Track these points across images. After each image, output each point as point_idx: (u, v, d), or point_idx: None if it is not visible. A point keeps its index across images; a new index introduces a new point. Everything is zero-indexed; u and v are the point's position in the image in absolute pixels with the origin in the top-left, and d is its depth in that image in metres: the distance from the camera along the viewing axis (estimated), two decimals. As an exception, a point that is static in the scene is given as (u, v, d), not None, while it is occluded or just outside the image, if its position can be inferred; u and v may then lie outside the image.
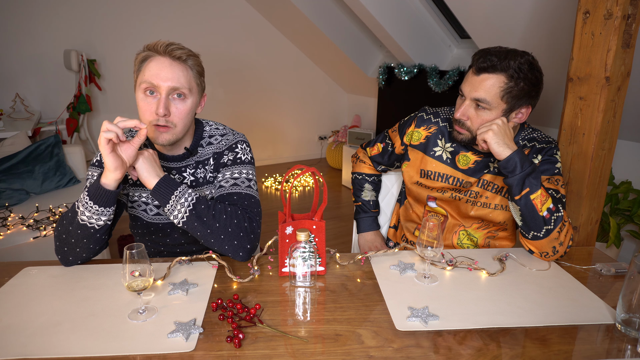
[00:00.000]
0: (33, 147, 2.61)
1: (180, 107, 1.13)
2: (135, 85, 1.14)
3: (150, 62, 1.10)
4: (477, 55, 1.20)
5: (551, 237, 1.17)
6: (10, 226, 2.10)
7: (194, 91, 1.15)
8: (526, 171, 1.14)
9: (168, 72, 1.09)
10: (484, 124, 1.21)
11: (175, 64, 1.10)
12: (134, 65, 1.15)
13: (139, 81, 1.11)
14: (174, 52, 1.09)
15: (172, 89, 1.10)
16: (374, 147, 1.57)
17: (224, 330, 0.89)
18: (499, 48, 1.20)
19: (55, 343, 0.84)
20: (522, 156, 1.15)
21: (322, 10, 4.04)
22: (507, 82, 1.16)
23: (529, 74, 1.16)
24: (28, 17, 3.71)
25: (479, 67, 1.18)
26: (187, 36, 4.24)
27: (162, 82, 1.08)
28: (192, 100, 1.14)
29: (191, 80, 1.13)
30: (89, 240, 1.09)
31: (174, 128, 1.13)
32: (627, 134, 2.55)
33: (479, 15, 2.73)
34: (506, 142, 1.16)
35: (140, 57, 1.12)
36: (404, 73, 3.79)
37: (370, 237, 1.60)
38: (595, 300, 1.03)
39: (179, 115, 1.13)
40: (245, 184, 1.22)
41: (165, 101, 1.09)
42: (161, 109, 1.09)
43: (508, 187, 1.18)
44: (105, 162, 1.02)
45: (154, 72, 1.09)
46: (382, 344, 0.86)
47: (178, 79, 1.10)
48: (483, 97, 1.19)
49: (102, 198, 1.05)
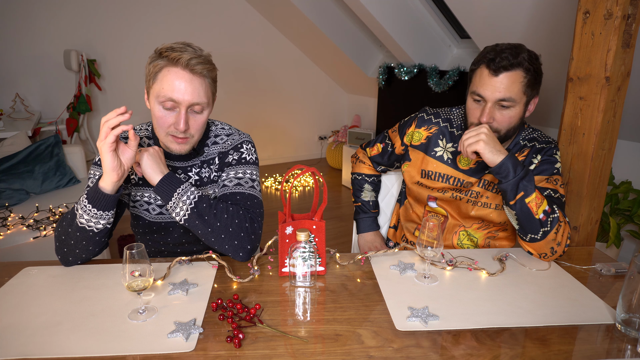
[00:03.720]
0: (33, 147, 2.61)
1: (199, 119, 1.13)
2: (148, 92, 1.12)
3: (169, 73, 1.07)
4: (489, 56, 1.19)
5: (548, 239, 1.17)
6: (10, 226, 2.10)
7: (210, 102, 1.15)
8: (519, 175, 1.14)
9: (188, 86, 1.07)
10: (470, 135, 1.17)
11: (195, 78, 1.08)
12: (147, 69, 1.11)
13: (156, 92, 1.08)
14: (195, 67, 1.07)
15: (192, 104, 1.09)
16: (374, 148, 1.57)
17: (224, 330, 0.89)
18: (502, 45, 1.20)
19: (55, 343, 0.84)
20: (514, 161, 1.15)
21: (322, 10, 4.04)
22: (525, 76, 1.17)
23: (535, 62, 1.19)
24: (28, 17, 3.71)
25: (497, 67, 1.17)
26: (187, 36, 4.24)
27: (182, 97, 1.07)
28: (208, 110, 1.15)
29: (208, 92, 1.13)
30: (88, 242, 1.09)
31: (191, 138, 1.14)
32: (627, 134, 2.55)
33: (479, 15, 2.73)
34: (497, 149, 1.15)
35: (158, 65, 1.08)
36: (404, 73, 3.79)
37: (370, 238, 1.60)
38: (595, 300, 1.03)
39: (197, 127, 1.14)
40: (248, 184, 1.22)
41: (185, 116, 1.09)
42: (182, 125, 1.08)
43: (502, 192, 1.18)
44: (104, 162, 1.01)
45: (174, 87, 1.06)
46: (382, 344, 0.86)
47: (199, 94, 1.09)
48: (508, 96, 1.18)
49: (101, 202, 1.04)
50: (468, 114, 1.28)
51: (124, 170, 1.04)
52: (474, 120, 1.25)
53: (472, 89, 1.24)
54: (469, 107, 1.27)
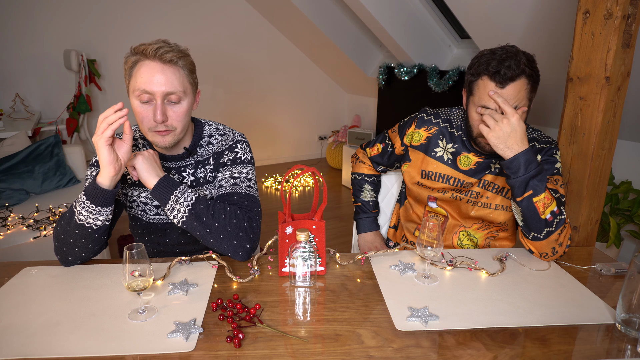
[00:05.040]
0: (33, 147, 2.61)
1: (177, 109, 1.12)
2: (128, 91, 1.13)
3: (141, 67, 1.08)
4: (492, 69, 1.15)
5: (551, 239, 1.17)
6: (10, 226, 2.10)
7: (188, 92, 1.14)
8: (531, 173, 1.13)
9: (160, 77, 1.07)
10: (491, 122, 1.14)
11: (166, 67, 1.08)
12: (123, 69, 1.12)
13: (132, 88, 1.09)
14: (164, 55, 1.07)
15: (166, 94, 1.09)
16: (374, 148, 1.57)
17: (224, 330, 0.89)
18: (499, 52, 1.16)
19: (55, 343, 0.84)
20: (528, 157, 1.13)
21: (322, 11, 4.04)
22: (528, 82, 1.17)
23: (534, 65, 1.18)
24: (28, 17, 3.71)
25: (503, 79, 1.14)
26: (187, 36, 4.24)
27: (155, 88, 1.07)
28: (187, 100, 1.14)
29: (184, 81, 1.12)
30: (87, 240, 1.09)
31: (173, 131, 1.13)
32: (627, 134, 2.54)
33: (479, 15, 2.73)
34: (509, 144, 1.13)
35: (130, 62, 1.09)
36: (404, 73, 3.79)
37: (370, 238, 1.60)
38: (595, 300, 1.03)
39: (177, 118, 1.13)
40: (245, 184, 1.22)
41: (161, 107, 1.09)
42: (159, 115, 1.08)
43: (511, 188, 1.18)
44: (100, 157, 1.02)
45: (146, 79, 1.07)
46: (382, 344, 0.86)
47: (172, 83, 1.09)
48: (515, 105, 1.16)
49: (99, 197, 1.04)
50: (473, 125, 1.25)
51: (121, 164, 1.05)
52: (480, 132, 1.22)
53: (477, 102, 1.20)
54: (474, 119, 1.24)
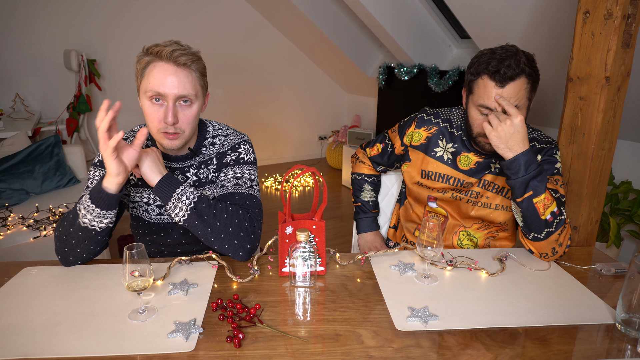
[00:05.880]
0: (33, 147, 2.61)
1: (188, 112, 1.12)
2: (138, 91, 1.13)
3: (154, 68, 1.08)
4: (491, 68, 1.15)
5: (551, 239, 1.17)
6: (10, 226, 2.10)
7: (199, 95, 1.14)
8: (531, 174, 1.13)
9: (174, 79, 1.07)
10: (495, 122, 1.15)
11: (180, 70, 1.08)
12: (135, 68, 1.12)
13: (144, 88, 1.09)
14: (178, 58, 1.07)
15: (178, 97, 1.09)
16: (374, 148, 1.57)
17: (224, 330, 0.89)
18: (499, 52, 1.17)
19: (55, 343, 0.84)
20: (529, 158, 1.13)
21: (322, 11, 4.04)
22: (527, 81, 1.17)
23: (533, 64, 1.18)
24: (28, 17, 3.71)
25: (502, 78, 1.14)
26: (187, 36, 4.24)
27: (168, 90, 1.07)
28: (198, 104, 1.14)
29: (196, 84, 1.12)
30: (89, 242, 1.09)
31: (182, 134, 1.13)
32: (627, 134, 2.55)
33: (479, 15, 2.73)
34: (510, 145, 1.13)
35: (143, 62, 1.09)
36: (404, 73, 3.79)
37: (369, 238, 1.60)
38: (595, 300, 1.03)
39: (187, 121, 1.13)
40: (247, 184, 1.22)
41: (173, 109, 1.09)
42: (170, 117, 1.08)
43: (511, 188, 1.18)
44: (108, 168, 1.02)
45: (159, 80, 1.07)
46: (382, 344, 0.86)
47: (184, 86, 1.09)
48: (515, 104, 1.16)
49: (104, 201, 1.05)
50: (473, 124, 1.25)
51: (127, 171, 1.05)
52: (480, 131, 1.24)
53: (476, 101, 1.21)
54: (474, 118, 1.24)
